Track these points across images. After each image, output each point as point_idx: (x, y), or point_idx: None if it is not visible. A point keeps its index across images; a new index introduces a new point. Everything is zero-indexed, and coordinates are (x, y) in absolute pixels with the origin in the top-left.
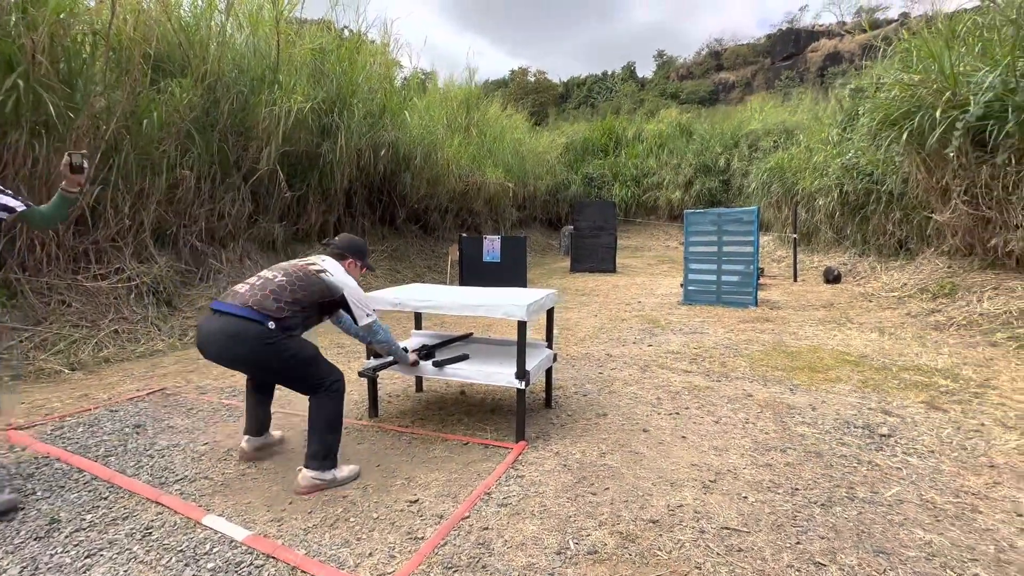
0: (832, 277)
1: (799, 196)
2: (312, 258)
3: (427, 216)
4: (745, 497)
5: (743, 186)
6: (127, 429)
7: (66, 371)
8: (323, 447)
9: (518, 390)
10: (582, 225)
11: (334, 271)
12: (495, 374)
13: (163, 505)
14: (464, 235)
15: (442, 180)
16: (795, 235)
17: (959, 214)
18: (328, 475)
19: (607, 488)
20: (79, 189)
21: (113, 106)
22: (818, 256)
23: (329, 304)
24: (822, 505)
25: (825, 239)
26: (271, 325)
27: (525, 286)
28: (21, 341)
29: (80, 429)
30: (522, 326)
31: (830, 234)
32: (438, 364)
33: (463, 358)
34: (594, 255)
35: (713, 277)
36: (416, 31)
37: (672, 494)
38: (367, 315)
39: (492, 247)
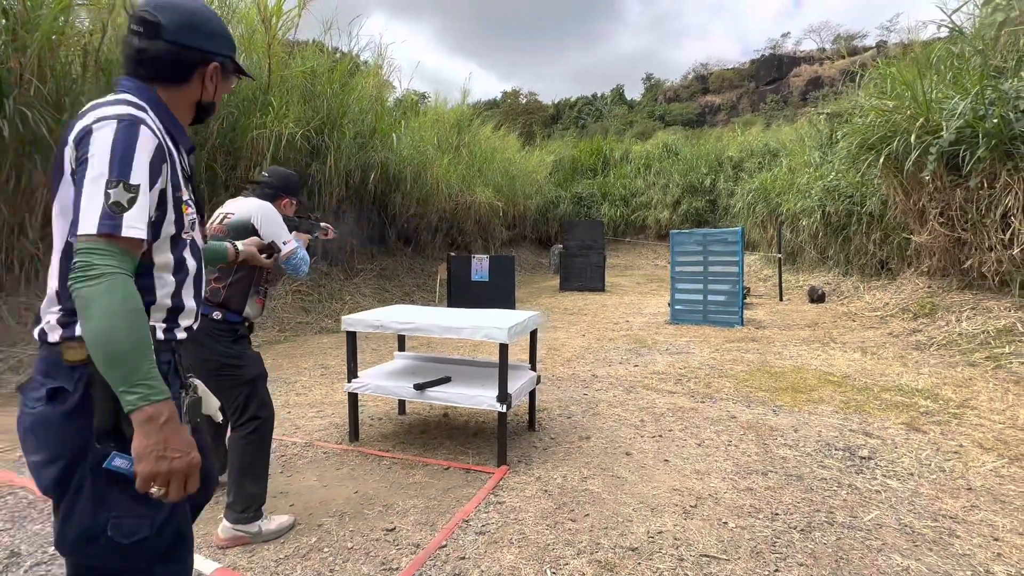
0: (816, 296)
1: (783, 216)
2: (224, 207)
3: (417, 235)
4: (725, 523)
5: (729, 206)
6: None
7: None
8: (241, 498)
9: (499, 413)
10: (571, 244)
11: (238, 209)
12: (476, 397)
13: None
14: (452, 254)
15: (431, 199)
16: (780, 255)
17: (936, 235)
18: (252, 527)
19: (587, 514)
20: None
21: None
22: (803, 275)
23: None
24: (802, 531)
25: (809, 259)
26: (216, 315)
27: (513, 306)
28: None
29: None
30: (503, 349)
31: (814, 254)
32: (419, 387)
33: (445, 380)
34: (583, 274)
35: (699, 297)
36: (410, 55)
37: (652, 520)
38: (283, 243)
39: (480, 266)
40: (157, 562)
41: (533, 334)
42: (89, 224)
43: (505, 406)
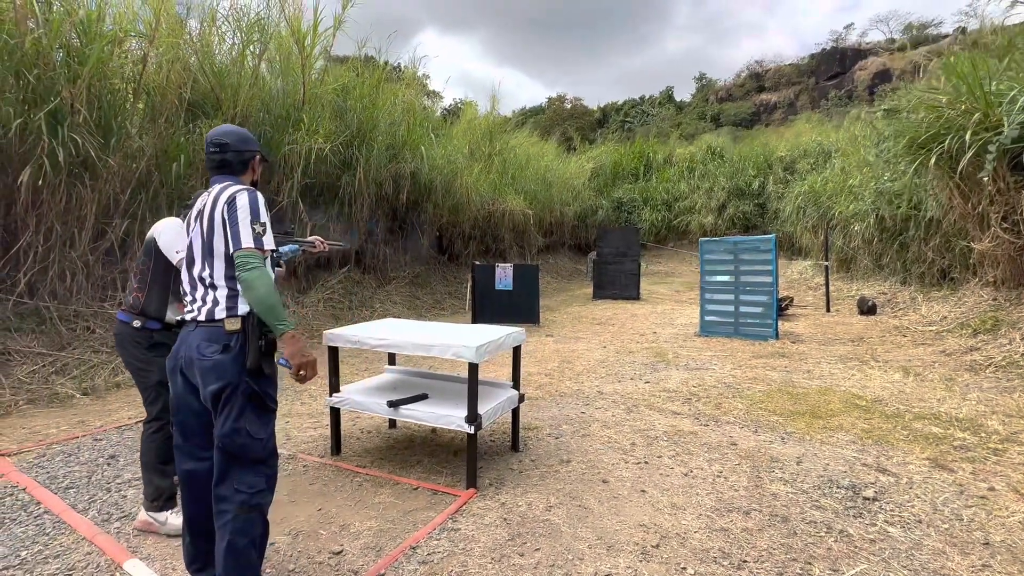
0: (866, 308)
1: (834, 221)
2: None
3: (451, 243)
4: (684, 568)
5: (779, 210)
6: (100, 459)
7: (77, 396)
8: (150, 488)
9: (468, 435)
10: (605, 251)
11: (154, 228)
12: (447, 417)
13: (96, 545)
14: (477, 263)
15: (462, 208)
16: (827, 262)
17: (999, 243)
18: (160, 516)
19: (538, 549)
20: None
21: (144, 147)
22: (857, 284)
23: (165, 263)
24: None
25: (864, 266)
26: (136, 324)
27: (537, 315)
28: (44, 366)
29: (59, 458)
30: (473, 368)
31: (868, 261)
32: (392, 404)
33: (422, 398)
34: (616, 282)
35: (731, 308)
36: (458, 67)
37: (605, 560)
38: (175, 252)
39: (504, 275)
40: (271, 456)
41: (517, 350)
42: (247, 242)
43: (474, 427)
